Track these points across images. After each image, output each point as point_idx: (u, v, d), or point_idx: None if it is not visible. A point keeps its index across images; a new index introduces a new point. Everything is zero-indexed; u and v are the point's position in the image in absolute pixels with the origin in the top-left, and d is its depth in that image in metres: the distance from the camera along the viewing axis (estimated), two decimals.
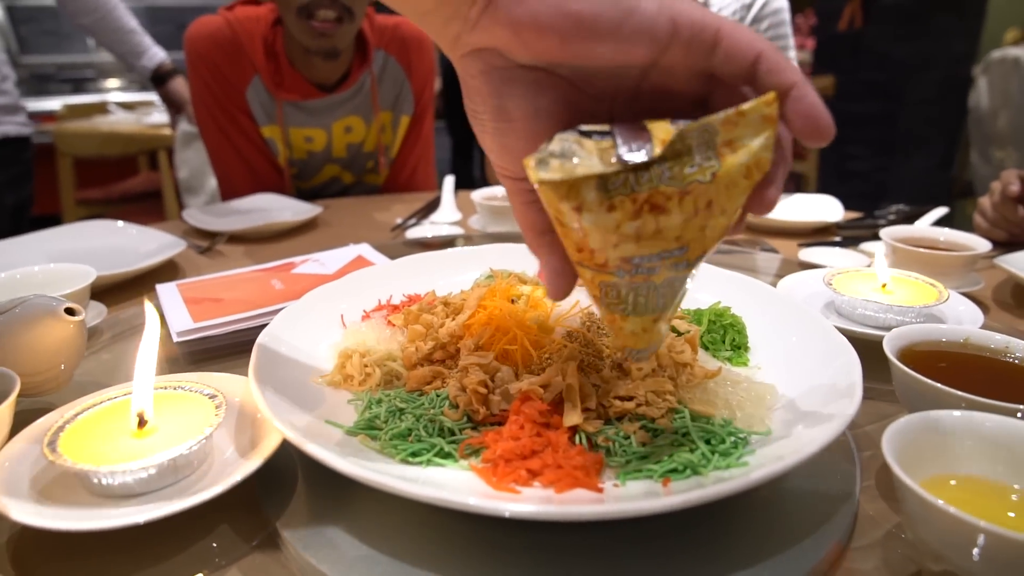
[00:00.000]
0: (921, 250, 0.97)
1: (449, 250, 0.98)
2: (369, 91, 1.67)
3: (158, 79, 2.04)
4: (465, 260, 0.96)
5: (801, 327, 0.72)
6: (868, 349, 0.66)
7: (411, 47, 1.72)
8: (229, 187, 1.70)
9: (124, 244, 1.25)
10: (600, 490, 0.52)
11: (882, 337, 0.66)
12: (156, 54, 2.02)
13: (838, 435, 0.50)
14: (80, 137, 2.59)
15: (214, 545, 0.52)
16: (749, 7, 1.47)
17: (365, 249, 1.13)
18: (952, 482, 0.48)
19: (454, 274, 0.93)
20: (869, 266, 1.08)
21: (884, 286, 0.86)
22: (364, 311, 0.83)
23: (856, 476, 0.58)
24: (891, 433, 0.47)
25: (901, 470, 0.44)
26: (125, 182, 3.41)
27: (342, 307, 0.83)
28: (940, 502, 0.41)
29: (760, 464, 0.52)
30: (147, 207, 2.92)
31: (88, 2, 1.92)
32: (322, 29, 1.46)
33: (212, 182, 1.94)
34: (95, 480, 0.52)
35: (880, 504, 0.56)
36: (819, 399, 0.60)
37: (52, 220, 1.42)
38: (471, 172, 4.79)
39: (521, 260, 0.97)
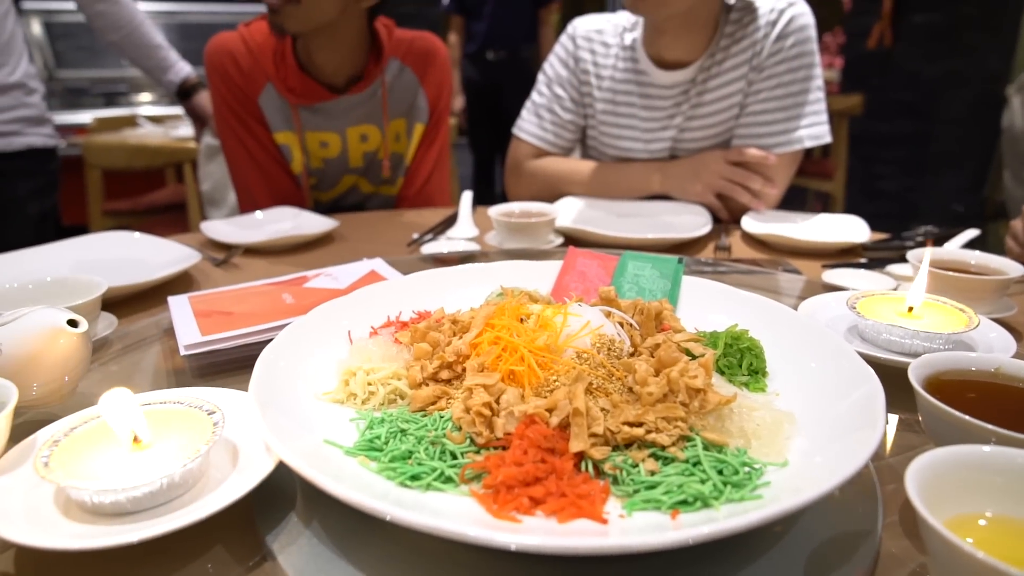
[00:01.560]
0: (951, 273, 0.93)
1: (461, 266, 0.97)
2: (380, 99, 1.68)
3: (183, 93, 2.07)
4: (477, 277, 0.95)
5: (822, 352, 0.69)
6: (893, 376, 0.63)
7: (426, 58, 1.73)
8: (247, 198, 1.72)
9: (141, 255, 1.25)
10: (605, 521, 0.49)
11: (908, 364, 0.62)
12: (182, 69, 2.05)
13: (860, 469, 0.48)
14: (108, 149, 2.64)
15: (208, 566, 0.51)
16: (774, 24, 1.45)
17: (378, 264, 1.12)
18: (981, 522, 0.45)
19: (465, 291, 0.91)
20: (895, 289, 1.05)
21: (911, 310, 0.82)
22: (372, 327, 0.82)
23: (878, 512, 0.55)
24: (915, 468, 0.45)
25: (925, 509, 0.41)
26: (151, 194, 3.46)
27: (350, 323, 0.81)
28: (967, 544, 0.38)
29: (776, 497, 0.49)
30: (172, 219, 2.96)
31: (116, 19, 1.95)
32: (271, 4, 1.49)
33: (234, 195, 1.95)
34: (87, 498, 0.51)
35: (904, 542, 0.53)
36: (840, 429, 0.57)
37: (80, 230, 1.44)
38: (492, 189, 4.79)
39: (533, 278, 0.95)
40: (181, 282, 1.17)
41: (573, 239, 1.35)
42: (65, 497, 0.53)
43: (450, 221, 1.49)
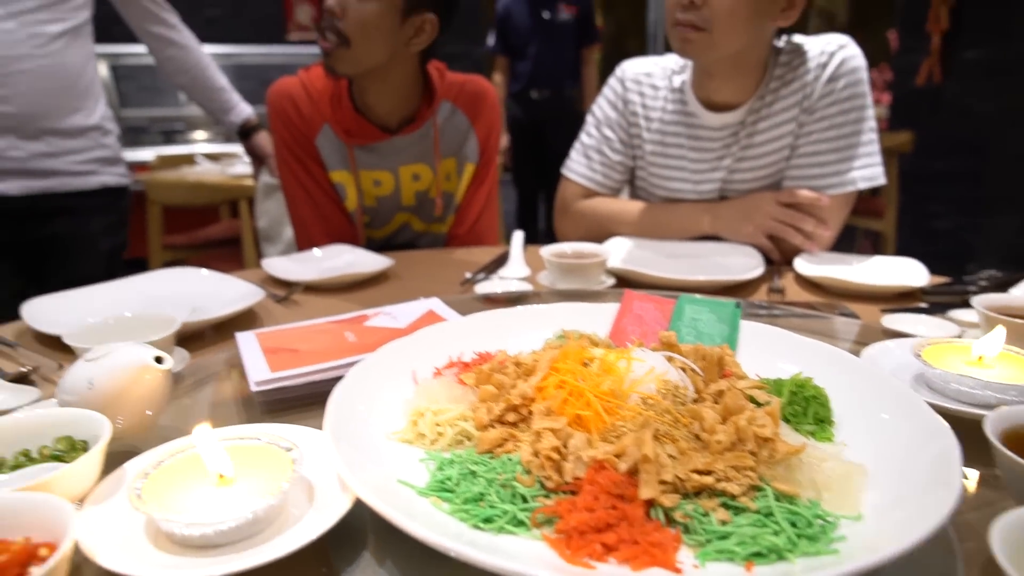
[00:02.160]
0: (1020, 321, 0.91)
1: (520, 308, 0.98)
2: (432, 139, 1.73)
3: (244, 133, 2.16)
4: (536, 319, 0.96)
5: (890, 402, 0.69)
6: (965, 428, 0.62)
7: (477, 100, 1.79)
8: (304, 235, 1.77)
9: (206, 291, 1.30)
10: (679, 571, 0.49)
11: (979, 416, 0.61)
12: (243, 110, 2.14)
13: (939, 528, 0.47)
14: (169, 186, 2.76)
15: None
16: (824, 66, 1.46)
17: (436, 304, 1.14)
18: None
19: (525, 333, 0.93)
20: (960, 336, 1.03)
21: (980, 359, 0.81)
22: (436, 368, 0.84)
23: (958, 570, 0.54)
24: (1001, 528, 0.44)
25: (1015, 571, 0.40)
26: (207, 228, 3.59)
27: (414, 363, 0.83)
28: None
29: (852, 553, 0.49)
30: (227, 253, 3.06)
31: (184, 63, 2.06)
32: (324, 48, 1.57)
33: (289, 232, 2.01)
34: (177, 530, 0.53)
35: None
36: (914, 483, 0.56)
37: (140, 263, 1.51)
38: (536, 226, 4.84)
39: (592, 320, 0.96)
40: (245, 318, 1.21)
41: (625, 280, 1.36)
42: (155, 528, 0.56)
43: (501, 260, 1.51)
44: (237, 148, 2.99)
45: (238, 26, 5.43)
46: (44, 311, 1.17)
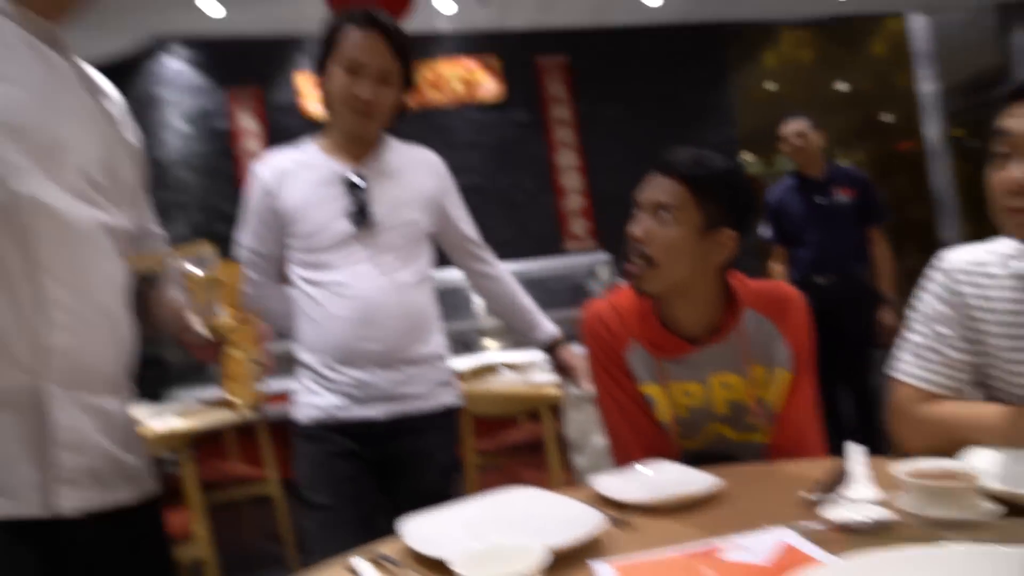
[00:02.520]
0: None
1: (904, 553, 0.89)
2: (739, 347, 1.73)
3: (549, 347, 2.36)
4: (935, 567, 0.86)
5: None
6: None
7: (781, 306, 1.78)
8: (620, 448, 1.84)
9: (549, 513, 1.37)
10: None
11: None
12: (549, 329, 2.37)
13: None
14: (484, 398, 3.07)
15: None
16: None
17: (791, 536, 1.08)
18: None
19: None
20: None
21: None
22: None
23: None
24: None
25: None
26: (510, 433, 3.85)
27: None
28: None
29: None
30: (533, 459, 3.24)
31: (497, 291, 2.37)
32: (631, 271, 1.68)
33: (596, 440, 2.10)
34: None
35: None
36: None
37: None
38: (838, 421, 4.37)
39: (1004, 572, 0.83)
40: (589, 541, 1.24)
41: (1011, 504, 1.17)
42: None
43: (839, 477, 1.40)
44: (532, 356, 3.26)
45: (523, 244, 6.17)
46: (416, 530, 1.31)
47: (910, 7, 8.46)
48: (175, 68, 7.25)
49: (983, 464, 1.31)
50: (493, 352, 5.34)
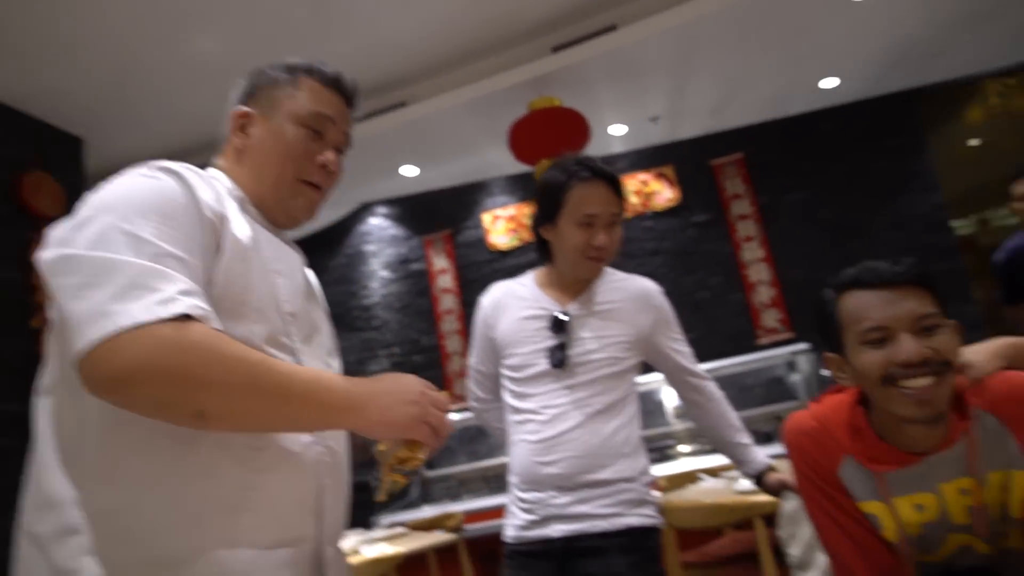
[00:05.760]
0: None
1: None
2: (967, 452, 1.48)
3: (758, 477, 2.21)
4: None
5: None
6: None
7: (1007, 399, 1.51)
8: (842, 568, 1.61)
9: None
10: None
11: None
12: (760, 462, 2.21)
13: None
14: (688, 510, 2.88)
15: None
16: None
17: None
18: None
19: None
20: None
21: None
22: None
23: None
24: None
25: None
26: (714, 543, 3.54)
27: None
28: None
29: None
30: (742, 571, 2.95)
31: (706, 412, 2.27)
32: (918, 396, 1.41)
33: (822, 559, 1.86)
34: None
35: None
36: None
37: None
38: None
39: None
40: None
41: None
42: None
43: None
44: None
45: (715, 343, 5.92)
46: None
47: None
48: (377, 224, 8.20)
49: None
50: (687, 459, 5.04)
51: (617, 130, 7.05)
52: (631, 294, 2.22)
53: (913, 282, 1.49)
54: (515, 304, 2.20)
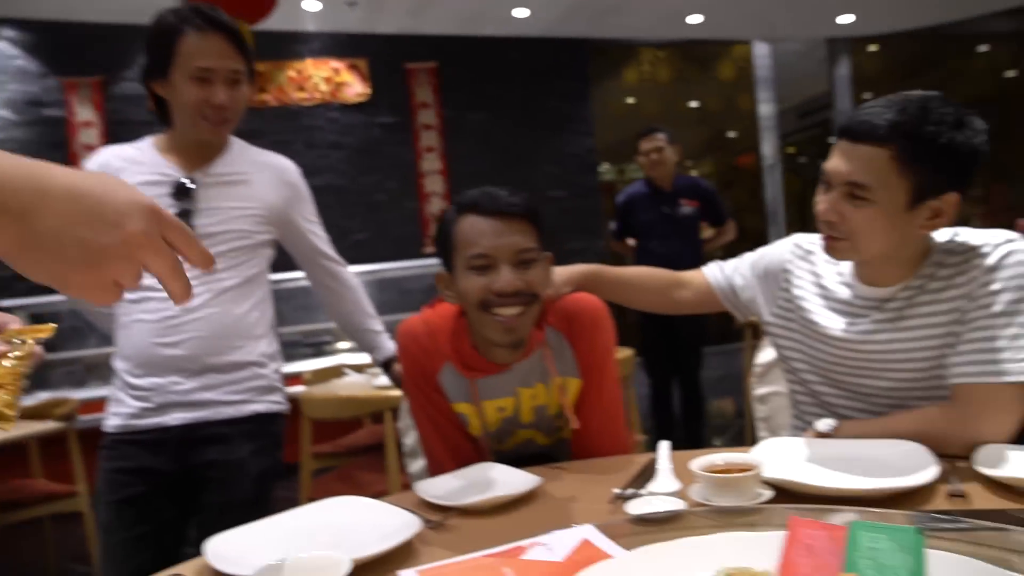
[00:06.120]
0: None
1: (679, 542, 0.96)
2: (544, 362, 1.78)
3: (386, 365, 2.35)
4: (697, 553, 0.93)
5: None
6: None
7: (572, 319, 1.82)
8: (434, 462, 1.84)
9: (364, 520, 1.36)
10: None
11: None
12: (387, 348, 2.34)
13: None
14: (322, 403, 2.98)
15: None
16: (987, 256, 1.46)
17: (590, 532, 1.12)
18: None
19: (692, 572, 0.89)
20: None
21: None
22: None
23: None
24: None
25: None
26: (350, 436, 3.78)
27: None
28: None
29: None
30: (371, 461, 3.20)
31: (340, 300, 2.31)
32: (506, 323, 1.61)
33: None
34: None
35: None
36: None
37: (291, 468, 1.59)
38: (670, 413, 4.72)
39: (759, 553, 0.92)
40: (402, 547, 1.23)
41: (783, 491, 1.29)
42: None
43: (649, 472, 1.49)
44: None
45: (381, 246, 6.08)
46: (220, 548, 1.25)
47: (755, 35, 9.20)
48: (1, 49, 6.53)
49: (767, 456, 1.44)
50: (343, 355, 5.21)
51: (311, 5, 6.60)
52: (265, 167, 2.10)
53: (522, 215, 1.66)
54: (130, 168, 1.94)
